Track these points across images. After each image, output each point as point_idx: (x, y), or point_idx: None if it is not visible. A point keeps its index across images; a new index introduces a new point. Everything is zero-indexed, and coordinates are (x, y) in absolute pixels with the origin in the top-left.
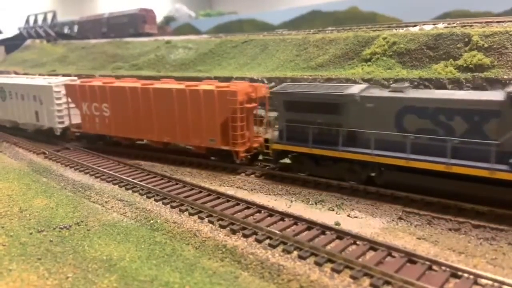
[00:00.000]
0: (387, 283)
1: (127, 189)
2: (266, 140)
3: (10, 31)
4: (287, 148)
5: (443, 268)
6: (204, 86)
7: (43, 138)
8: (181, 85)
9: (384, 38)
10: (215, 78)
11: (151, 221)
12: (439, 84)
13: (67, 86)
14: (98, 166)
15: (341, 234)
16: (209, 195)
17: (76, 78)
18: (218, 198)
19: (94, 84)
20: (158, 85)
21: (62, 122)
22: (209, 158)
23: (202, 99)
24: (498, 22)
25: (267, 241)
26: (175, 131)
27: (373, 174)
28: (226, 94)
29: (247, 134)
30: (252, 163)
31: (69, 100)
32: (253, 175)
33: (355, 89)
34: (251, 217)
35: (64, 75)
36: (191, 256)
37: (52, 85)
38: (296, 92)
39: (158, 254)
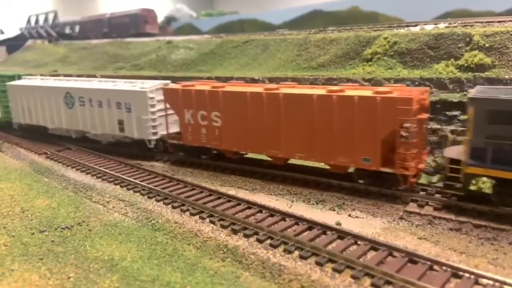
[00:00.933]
0: (388, 283)
1: (128, 189)
2: (454, 161)
3: (11, 32)
4: (493, 174)
5: (444, 268)
6: (354, 91)
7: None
8: (321, 90)
9: (385, 38)
10: (216, 78)
11: (153, 221)
12: (440, 84)
13: (166, 91)
14: (100, 166)
15: (342, 234)
16: (210, 195)
17: (168, 81)
18: (219, 198)
19: (202, 88)
20: (288, 90)
21: (156, 133)
22: (355, 181)
23: (356, 108)
24: (499, 21)
25: (268, 241)
26: (312, 147)
27: None
28: (396, 102)
29: (418, 153)
30: (415, 189)
31: (167, 106)
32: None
33: None
34: (252, 217)
35: (65, 75)
36: (192, 256)
37: (147, 91)
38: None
39: (159, 254)
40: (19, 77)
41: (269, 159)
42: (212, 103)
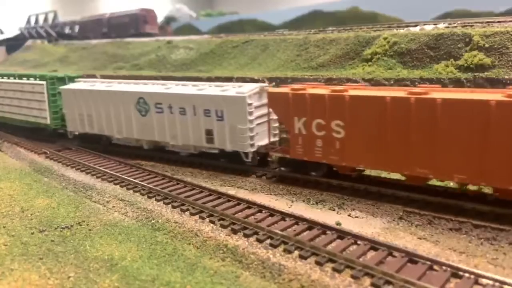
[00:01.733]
0: (388, 282)
1: (128, 189)
2: None
3: (11, 31)
4: None
5: (444, 268)
6: None
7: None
8: (496, 95)
9: (385, 38)
10: (216, 78)
11: (152, 221)
12: (440, 84)
13: (272, 95)
14: (99, 166)
15: (342, 234)
16: (210, 195)
17: (265, 84)
18: (219, 198)
19: (320, 92)
20: (445, 94)
21: (253, 145)
22: None
23: None
24: (499, 22)
25: (268, 240)
26: (484, 168)
27: None
28: None
29: None
30: None
31: (271, 112)
32: None
33: None
34: (252, 217)
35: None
36: (192, 255)
37: (246, 96)
38: None
39: (159, 253)
40: (71, 79)
41: (402, 178)
42: (333, 110)
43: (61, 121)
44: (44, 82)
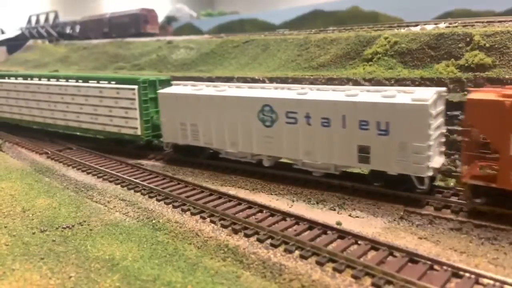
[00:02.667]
0: (389, 282)
1: (129, 189)
2: None
3: (12, 31)
4: None
5: (445, 267)
6: None
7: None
8: None
9: (386, 38)
10: (217, 78)
11: (153, 221)
12: (440, 84)
13: (474, 104)
14: (100, 166)
15: (342, 234)
16: (211, 195)
17: (444, 88)
18: (220, 198)
19: None
20: None
21: (430, 167)
22: None
23: None
24: (499, 21)
25: (269, 240)
26: None
27: None
28: None
29: None
30: None
31: (469, 127)
32: None
33: None
34: (253, 216)
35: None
36: (193, 255)
37: (428, 104)
38: None
39: (160, 253)
40: (163, 82)
41: None
42: None
43: (152, 132)
44: (135, 87)
